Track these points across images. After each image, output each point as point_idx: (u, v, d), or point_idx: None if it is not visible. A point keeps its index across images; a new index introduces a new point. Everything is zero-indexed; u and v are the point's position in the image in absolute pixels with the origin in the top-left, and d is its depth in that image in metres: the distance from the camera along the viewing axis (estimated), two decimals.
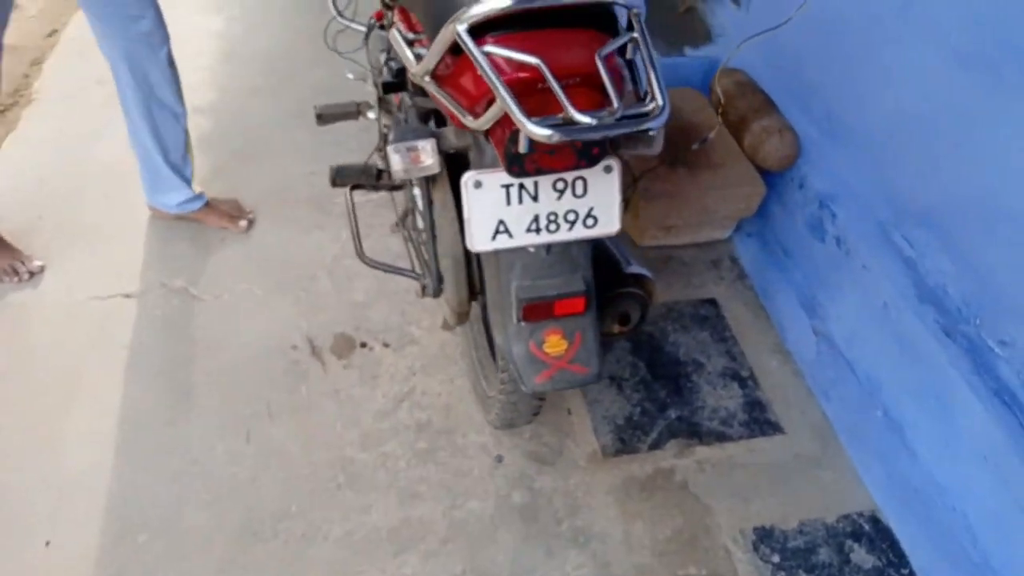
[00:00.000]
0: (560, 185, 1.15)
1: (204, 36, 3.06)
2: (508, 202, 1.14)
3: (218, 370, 1.88)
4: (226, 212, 2.25)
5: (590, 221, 1.17)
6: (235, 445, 1.73)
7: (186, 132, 2.12)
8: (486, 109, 1.02)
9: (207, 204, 2.22)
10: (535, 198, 1.14)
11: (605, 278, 1.48)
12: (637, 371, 1.96)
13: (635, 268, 1.46)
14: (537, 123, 0.91)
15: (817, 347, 2.00)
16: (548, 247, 1.19)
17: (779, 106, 2.23)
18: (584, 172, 1.14)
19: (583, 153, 1.04)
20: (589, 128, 0.91)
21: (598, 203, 1.16)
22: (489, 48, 0.98)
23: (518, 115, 0.91)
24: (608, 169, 1.15)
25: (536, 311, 1.18)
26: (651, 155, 1.26)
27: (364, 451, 1.74)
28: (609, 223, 1.18)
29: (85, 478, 1.66)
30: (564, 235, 1.17)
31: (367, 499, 1.66)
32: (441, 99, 1.11)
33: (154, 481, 1.66)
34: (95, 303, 2.02)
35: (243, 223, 2.25)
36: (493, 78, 0.94)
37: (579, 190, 1.15)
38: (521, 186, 1.13)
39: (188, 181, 2.16)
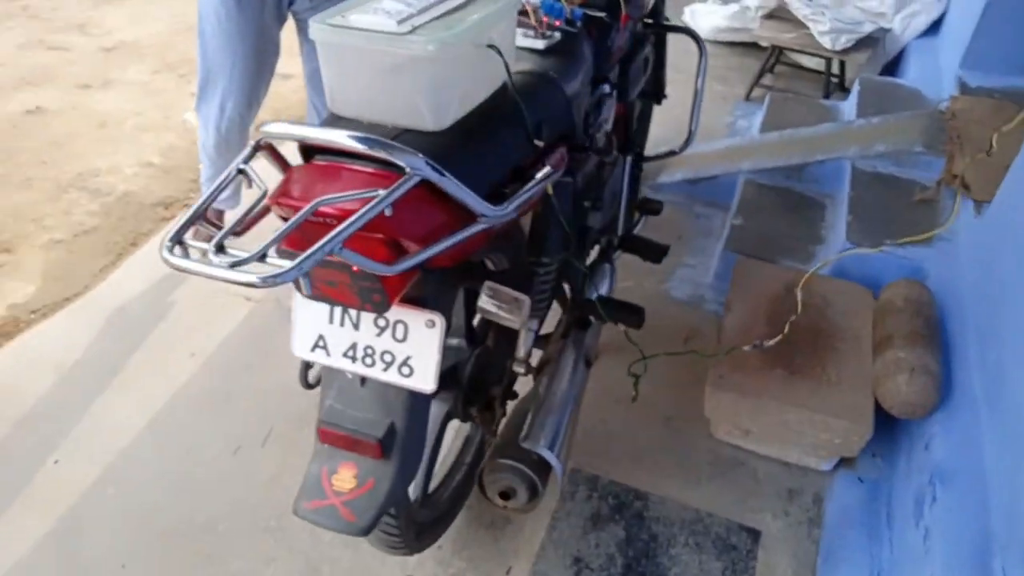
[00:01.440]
0: (382, 322, 1.08)
1: None
2: (331, 320, 1.10)
3: None
4: None
5: (405, 370, 1.08)
6: None
7: None
8: None
9: None
10: (356, 326, 1.09)
11: (503, 440, 1.35)
12: (609, 566, 1.70)
13: (537, 448, 1.31)
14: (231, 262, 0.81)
15: None
16: (363, 379, 1.12)
17: (947, 342, 1.80)
18: (405, 317, 1.06)
19: (363, 295, 0.97)
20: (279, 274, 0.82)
21: (416, 354, 1.07)
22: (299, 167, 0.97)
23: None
24: (430, 323, 1.05)
25: (330, 437, 1.12)
26: (513, 326, 1.13)
27: None
28: (424, 379, 1.07)
29: None
30: (378, 374, 1.09)
31: None
32: None
33: None
34: None
35: None
36: (265, 201, 0.94)
37: (399, 334, 1.07)
38: (344, 309, 1.09)
39: None
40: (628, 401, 2.02)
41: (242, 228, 0.90)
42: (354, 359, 1.10)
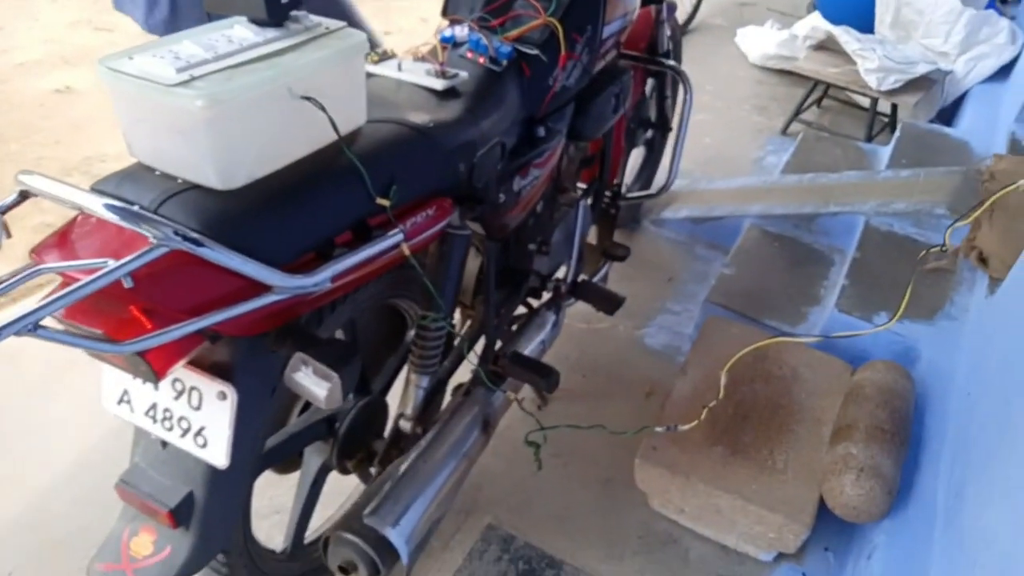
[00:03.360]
0: (179, 386, 0.99)
1: None
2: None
3: None
4: None
5: (200, 440, 0.99)
6: None
7: None
8: None
9: None
10: (155, 386, 1.01)
11: (353, 508, 1.25)
12: None
13: (382, 528, 1.20)
14: None
15: None
16: (164, 443, 1.04)
17: (920, 438, 1.62)
18: (198, 384, 0.97)
19: (132, 364, 0.88)
20: None
21: (208, 425, 0.98)
22: None
23: None
24: (221, 395, 0.96)
25: (127, 498, 1.04)
26: (321, 407, 1.03)
27: None
28: (216, 454, 0.98)
29: None
30: (176, 439, 1.01)
31: None
32: None
33: None
34: None
35: None
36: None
37: (194, 401, 0.98)
38: None
39: None
40: (568, 455, 1.89)
41: None
42: (154, 420, 1.02)
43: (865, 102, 3.31)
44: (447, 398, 1.55)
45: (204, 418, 0.98)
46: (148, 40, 0.97)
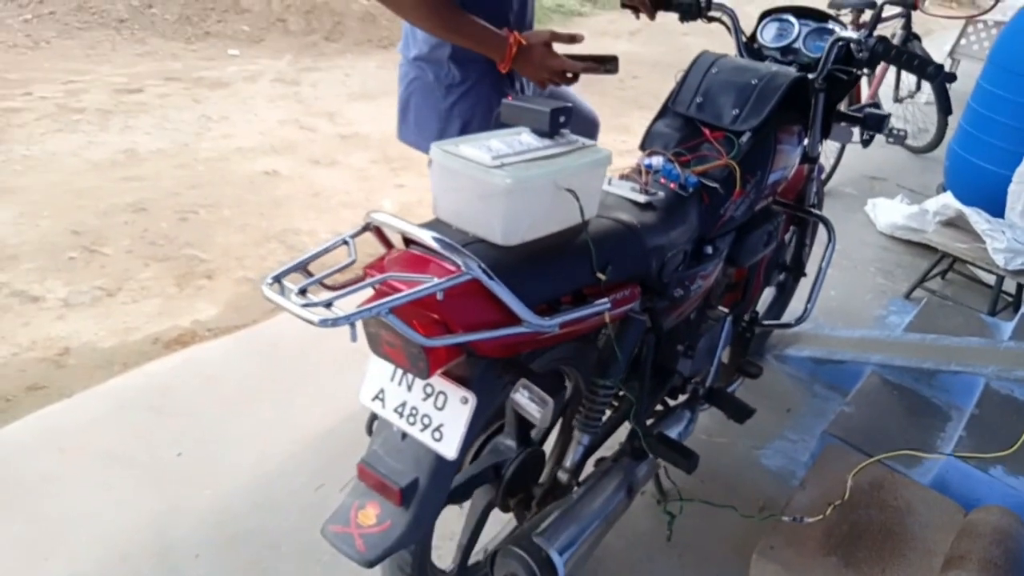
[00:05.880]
0: (428, 390, 1.29)
1: None
2: (392, 378, 1.33)
3: None
4: None
5: (437, 435, 1.27)
6: None
7: None
8: None
9: None
10: (409, 388, 1.31)
11: (524, 530, 1.48)
12: None
13: (548, 547, 1.44)
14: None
15: None
16: (404, 434, 1.32)
17: None
18: (446, 389, 1.27)
19: (412, 360, 1.19)
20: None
21: (447, 423, 1.26)
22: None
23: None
24: (464, 400, 1.25)
25: (365, 476, 1.32)
26: (535, 422, 1.29)
27: None
28: (448, 446, 1.25)
29: None
30: (416, 432, 1.29)
31: None
32: None
33: None
34: None
35: None
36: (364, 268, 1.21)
37: (439, 403, 1.27)
38: (404, 372, 1.31)
39: None
40: (683, 547, 2.05)
41: (327, 281, 1.16)
42: (401, 415, 1.31)
43: (990, 279, 3.46)
44: (590, 468, 1.78)
45: (444, 417, 1.26)
46: (340, 146, 1.32)
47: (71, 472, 2.10)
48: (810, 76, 1.86)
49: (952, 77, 1.85)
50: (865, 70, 1.91)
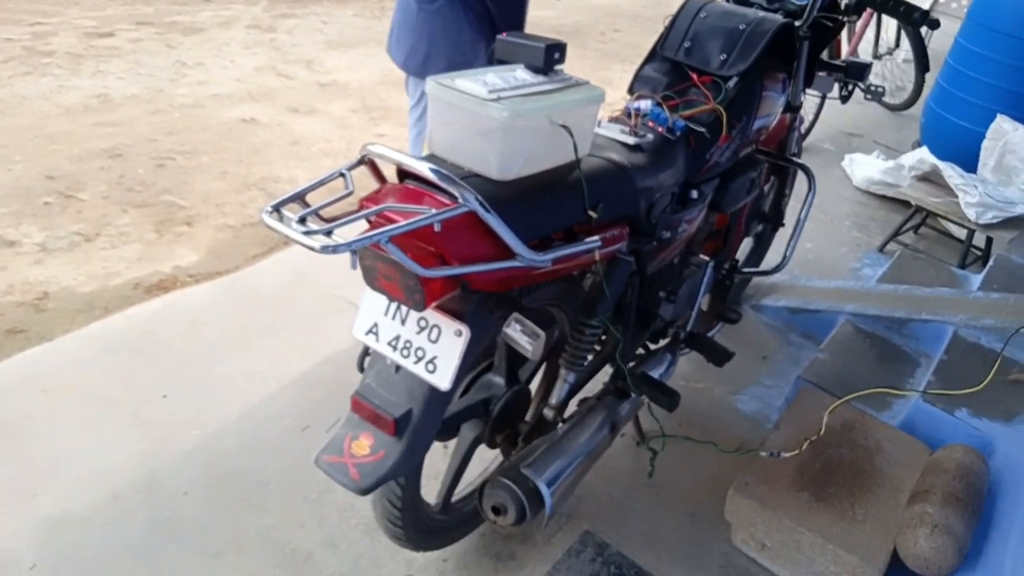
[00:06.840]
0: (422, 323, 1.31)
1: None
2: (386, 312, 1.35)
3: None
4: None
5: (430, 367, 1.30)
6: None
7: None
8: None
9: None
10: (403, 322, 1.33)
11: (512, 462, 1.52)
12: None
13: (536, 478, 1.47)
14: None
15: None
16: (397, 367, 1.35)
17: (991, 520, 1.79)
18: (440, 323, 1.29)
19: (408, 292, 1.21)
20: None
21: (441, 355, 1.28)
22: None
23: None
24: (458, 333, 1.27)
25: (359, 407, 1.35)
26: (527, 355, 1.33)
27: None
28: (442, 378, 1.28)
29: None
30: (409, 365, 1.32)
31: None
32: None
33: None
34: None
35: None
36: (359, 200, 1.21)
37: (433, 336, 1.30)
38: (398, 306, 1.33)
39: None
40: (660, 486, 2.12)
41: (323, 211, 1.16)
42: (395, 348, 1.33)
43: (961, 233, 3.55)
44: (572, 407, 1.82)
45: (438, 349, 1.29)
46: (319, 94, 1.34)
47: (56, 413, 2.11)
48: (796, 23, 1.88)
49: (936, 23, 1.88)
50: (852, 17, 1.92)
